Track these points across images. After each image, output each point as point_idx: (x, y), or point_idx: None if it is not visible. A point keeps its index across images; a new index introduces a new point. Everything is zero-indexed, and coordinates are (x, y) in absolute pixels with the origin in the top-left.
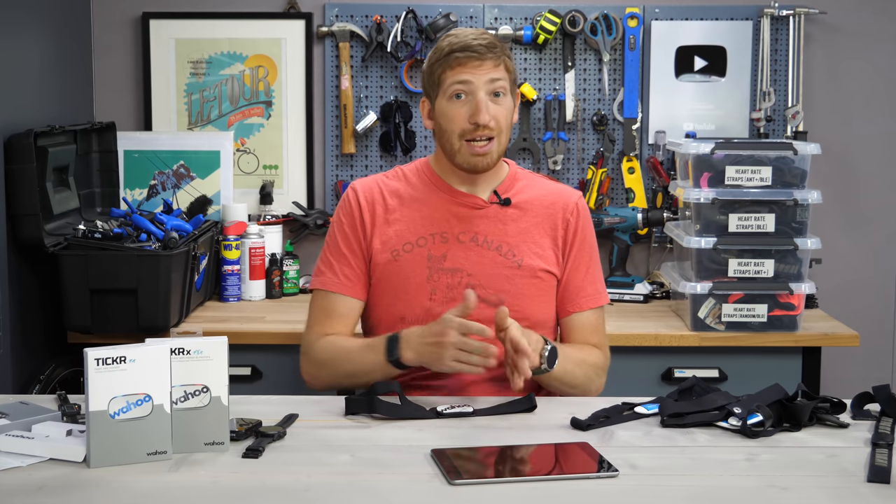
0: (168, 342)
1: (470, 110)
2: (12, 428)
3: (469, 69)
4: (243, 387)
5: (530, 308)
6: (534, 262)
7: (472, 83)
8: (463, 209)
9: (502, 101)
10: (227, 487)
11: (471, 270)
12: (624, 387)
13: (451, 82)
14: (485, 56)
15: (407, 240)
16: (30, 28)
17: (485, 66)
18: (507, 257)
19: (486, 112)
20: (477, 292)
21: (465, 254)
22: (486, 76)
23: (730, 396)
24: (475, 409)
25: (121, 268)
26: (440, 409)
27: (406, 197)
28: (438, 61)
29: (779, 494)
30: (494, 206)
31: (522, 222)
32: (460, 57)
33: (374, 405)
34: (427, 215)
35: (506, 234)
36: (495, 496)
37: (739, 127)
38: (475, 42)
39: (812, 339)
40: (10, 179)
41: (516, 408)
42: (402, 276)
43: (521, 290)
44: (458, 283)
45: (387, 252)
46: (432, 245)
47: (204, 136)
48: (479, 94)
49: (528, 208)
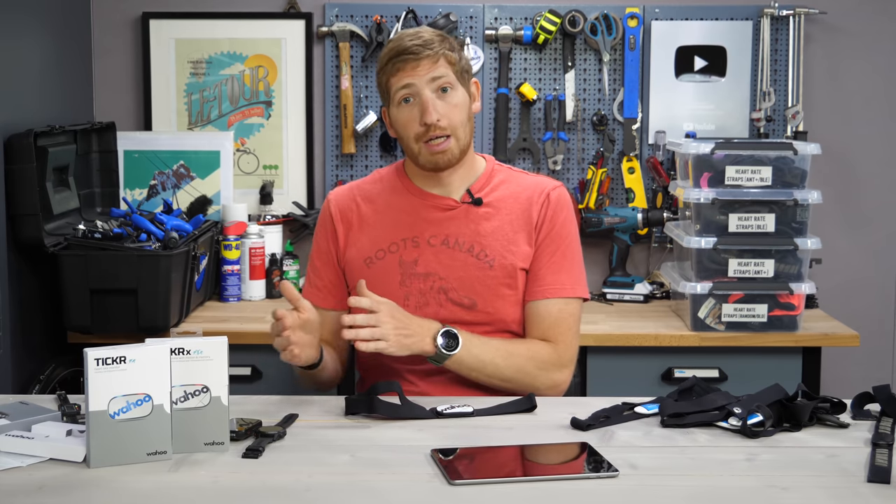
0: (168, 342)
1: (419, 112)
2: (12, 428)
3: (408, 72)
4: (243, 387)
5: (504, 309)
6: (507, 260)
7: (414, 85)
8: (434, 211)
9: (451, 96)
10: (227, 487)
11: (443, 274)
12: (624, 387)
13: (395, 89)
14: (421, 55)
15: (379, 246)
16: (30, 28)
17: (422, 65)
18: (480, 258)
19: (435, 111)
20: (450, 295)
21: (436, 258)
22: (426, 75)
23: (730, 396)
24: (475, 409)
25: (121, 268)
26: (440, 410)
27: (379, 202)
28: (382, 69)
29: (779, 494)
30: (465, 206)
31: (495, 220)
32: (397, 62)
33: (374, 405)
34: (399, 220)
35: (478, 234)
36: (495, 496)
37: (739, 127)
38: (410, 43)
39: (812, 339)
40: (10, 179)
41: (516, 408)
42: (376, 282)
43: (493, 291)
44: (430, 287)
45: (360, 260)
46: (404, 250)
47: (204, 136)
48: (424, 93)
49: (502, 206)
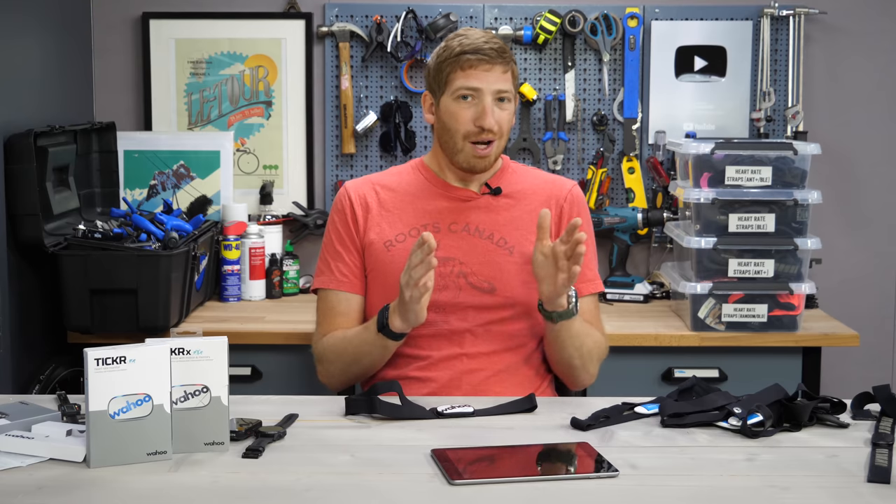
0: (168, 342)
1: (476, 113)
2: (12, 428)
3: (479, 73)
4: (243, 387)
5: (522, 294)
6: (526, 248)
7: (480, 89)
8: (455, 202)
9: (506, 107)
10: (227, 487)
11: (462, 259)
12: (624, 387)
13: (459, 84)
14: (495, 61)
15: (399, 230)
16: (30, 28)
17: (494, 70)
18: (500, 245)
19: (492, 117)
20: (469, 279)
21: (456, 243)
22: (494, 82)
23: (730, 396)
24: (475, 409)
25: (121, 268)
26: (440, 410)
27: (399, 190)
28: (448, 60)
29: (779, 494)
30: (486, 197)
31: (515, 211)
32: (471, 59)
33: (374, 405)
34: (419, 207)
35: (497, 222)
36: (495, 496)
37: (739, 127)
38: (486, 46)
39: (812, 339)
40: (10, 179)
41: (516, 408)
42: (395, 266)
43: (512, 276)
44: (449, 271)
45: (380, 243)
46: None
47: (204, 136)
48: (487, 98)
49: (521, 197)
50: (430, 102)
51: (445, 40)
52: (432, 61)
